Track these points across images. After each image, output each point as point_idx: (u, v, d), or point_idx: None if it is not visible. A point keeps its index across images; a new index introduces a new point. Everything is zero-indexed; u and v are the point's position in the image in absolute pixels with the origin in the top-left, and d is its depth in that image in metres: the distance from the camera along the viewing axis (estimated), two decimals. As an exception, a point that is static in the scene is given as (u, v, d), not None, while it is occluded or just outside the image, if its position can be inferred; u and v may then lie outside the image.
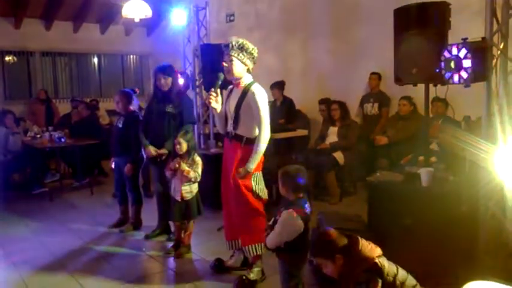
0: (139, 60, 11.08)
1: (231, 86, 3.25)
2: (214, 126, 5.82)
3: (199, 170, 3.62)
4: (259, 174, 3.12)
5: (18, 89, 9.53)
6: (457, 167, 3.39)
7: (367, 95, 6.07)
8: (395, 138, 5.21)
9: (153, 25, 10.19)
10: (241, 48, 3.00)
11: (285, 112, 6.34)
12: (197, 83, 5.84)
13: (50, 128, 6.74)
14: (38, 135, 6.47)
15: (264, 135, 2.99)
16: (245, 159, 3.01)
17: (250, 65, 3.09)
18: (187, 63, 6.01)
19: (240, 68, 3.04)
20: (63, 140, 5.97)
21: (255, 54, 3.07)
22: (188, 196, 3.64)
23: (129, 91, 4.48)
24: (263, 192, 3.15)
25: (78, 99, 8.49)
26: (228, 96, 3.21)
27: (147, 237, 4.20)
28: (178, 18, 5.57)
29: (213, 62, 5.07)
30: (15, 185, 6.35)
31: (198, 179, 3.64)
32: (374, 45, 5.99)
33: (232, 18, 8.38)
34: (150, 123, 4.04)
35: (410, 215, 2.98)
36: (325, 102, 6.00)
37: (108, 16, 9.65)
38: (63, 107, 9.13)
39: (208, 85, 5.24)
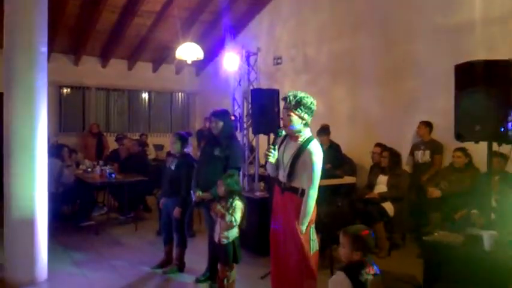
0: (187, 98, 11.44)
1: (284, 134, 3.20)
2: (260, 167, 5.82)
3: (237, 215, 3.45)
4: (313, 226, 3.05)
5: (73, 122, 9.96)
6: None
7: (418, 143, 5.87)
8: (449, 192, 4.98)
9: (202, 65, 10.56)
10: (299, 102, 2.97)
11: (331, 157, 6.23)
12: (245, 125, 5.90)
13: (101, 162, 6.94)
14: (89, 169, 6.68)
15: (312, 194, 2.95)
16: None
17: (309, 119, 3.05)
18: (236, 105, 6.12)
19: (298, 123, 3.01)
20: (113, 175, 6.12)
21: (314, 108, 3.04)
22: (225, 241, 3.53)
23: (185, 134, 4.52)
24: (316, 243, 3.05)
25: (121, 136, 8.53)
26: (282, 144, 3.17)
27: (197, 281, 4.14)
28: (230, 62, 5.73)
29: (262, 106, 5.14)
30: (63, 216, 6.50)
31: (235, 224, 3.47)
32: (425, 96, 5.90)
33: (279, 61, 8.54)
34: (201, 166, 4.09)
35: (473, 282, 2.79)
36: (381, 146, 5.84)
37: (161, 56, 10.11)
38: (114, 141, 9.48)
39: (257, 128, 5.29)
